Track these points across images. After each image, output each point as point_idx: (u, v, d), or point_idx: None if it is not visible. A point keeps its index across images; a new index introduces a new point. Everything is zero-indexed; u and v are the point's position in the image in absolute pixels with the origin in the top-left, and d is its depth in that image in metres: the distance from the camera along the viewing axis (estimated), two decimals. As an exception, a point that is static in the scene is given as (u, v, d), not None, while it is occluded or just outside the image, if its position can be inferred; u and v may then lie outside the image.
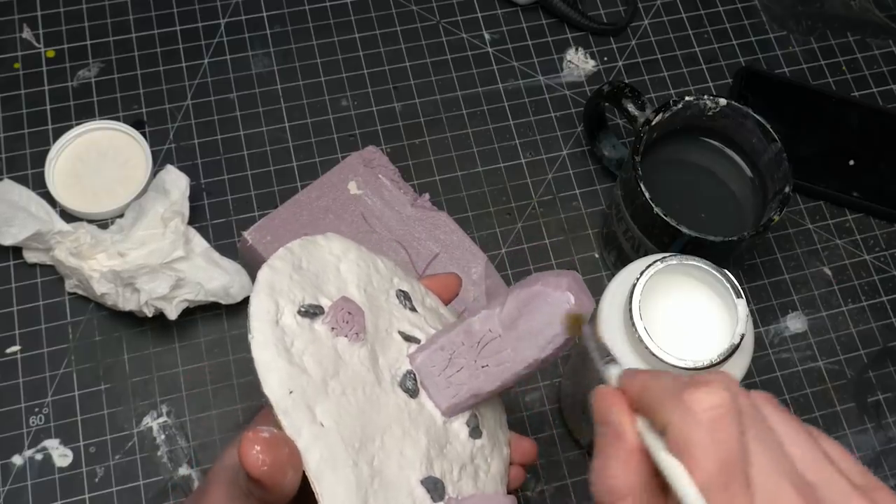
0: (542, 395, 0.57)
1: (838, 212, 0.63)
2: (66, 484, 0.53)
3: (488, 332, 0.37)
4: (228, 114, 0.63)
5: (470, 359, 0.37)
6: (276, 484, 0.32)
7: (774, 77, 0.67)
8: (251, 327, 0.35)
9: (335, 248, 0.40)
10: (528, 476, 0.55)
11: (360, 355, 0.37)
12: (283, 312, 0.36)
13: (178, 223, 0.56)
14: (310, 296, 0.37)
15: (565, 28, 0.68)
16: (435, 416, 0.38)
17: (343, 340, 0.36)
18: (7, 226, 0.56)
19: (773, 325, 0.60)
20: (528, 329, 0.36)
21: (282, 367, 0.34)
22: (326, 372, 0.35)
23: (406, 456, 0.35)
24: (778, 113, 0.63)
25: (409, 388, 0.37)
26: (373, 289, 0.39)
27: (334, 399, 0.35)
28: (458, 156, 0.63)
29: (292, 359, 0.35)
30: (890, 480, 0.56)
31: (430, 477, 0.36)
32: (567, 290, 0.35)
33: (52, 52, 0.64)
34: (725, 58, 0.68)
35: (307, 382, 0.34)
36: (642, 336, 0.43)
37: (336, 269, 0.39)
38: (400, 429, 0.36)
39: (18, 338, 0.56)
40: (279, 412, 0.33)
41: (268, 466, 0.31)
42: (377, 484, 0.34)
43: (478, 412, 0.39)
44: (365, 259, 0.40)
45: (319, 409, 0.34)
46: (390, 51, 0.66)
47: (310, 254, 0.39)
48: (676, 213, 0.51)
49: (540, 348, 0.36)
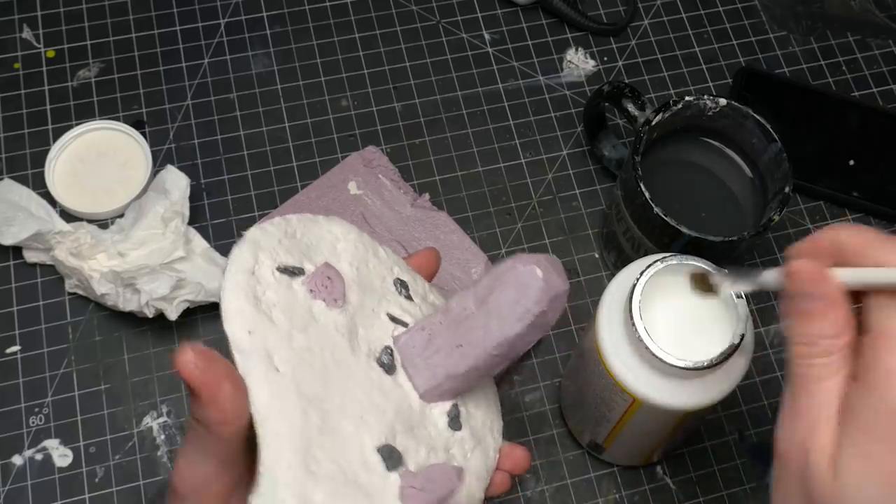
0: (542, 395, 0.57)
1: (838, 212, 0.63)
2: (66, 484, 0.53)
3: (463, 310, 0.36)
4: (228, 114, 0.63)
5: (447, 339, 0.36)
6: (210, 394, 0.31)
7: (774, 77, 0.67)
8: (225, 273, 0.34)
9: (335, 228, 0.39)
10: (528, 476, 0.55)
11: (337, 321, 0.36)
12: (262, 265, 0.35)
13: (178, 223, 0.56)
14: (295, 259, 0.36)
15: (565, 28, 0.68)
16: (411, 398, 0.37)
17: (320, 304, 0.36)
18: (7, 226, 0.56)
19: (773, 325, 0.60)
20: (497, 306, 0.35)
21: (247, 310, 0.34)
22: (294, 325, 0.35)
23: (366, 422, 0.34)
24: (778, 113, 0.63)
25: (384, 362, 0.37)
26: (367, 270, 0.39)
27: (297, 351, 0.34)
28: (458, 156, 0.63)
29: (260, 306, 0.34)
30: (890, 480, 0.56)
31: (388, 445, 0.34)
32: (535, 265, 0.34)
33: (52, 52, 0.64)
34: (725, 58, 0.68)
35: (270, 329, 0.34)
36: (642, 336, 0.43)
37: (332, 246, 0.39)
38: (365, 397, 0.35)
39: (18, 338, 0.56)
40: (235, 350, 0.33)
41: (200, 371, 0.31)
42: (326, 437, 0.33)
43: (462, 405, 0.38)
44: (365, 244, 0.40)
45: (277, 356, 0.34)
46: (390, 51, 0.66)
47: (307, 228, 0.38)
48: (676, 213, 0.51)
49: (509, 326, 0.35)
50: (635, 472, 0.56)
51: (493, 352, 0.36)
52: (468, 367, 0.36)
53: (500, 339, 0.35)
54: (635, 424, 0.48)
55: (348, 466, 0.33)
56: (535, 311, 0.34)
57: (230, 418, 0.32)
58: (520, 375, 0.58)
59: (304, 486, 0.32)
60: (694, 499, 0.55)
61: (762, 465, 0.56)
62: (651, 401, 0.44)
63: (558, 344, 0.58)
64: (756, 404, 0.58)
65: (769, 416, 0.57)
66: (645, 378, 0.44)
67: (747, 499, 0.55)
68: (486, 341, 0.35)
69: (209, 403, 0.32)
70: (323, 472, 0.32)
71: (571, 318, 0.59)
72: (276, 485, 0.31)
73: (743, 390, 0.58)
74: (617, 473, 0.56)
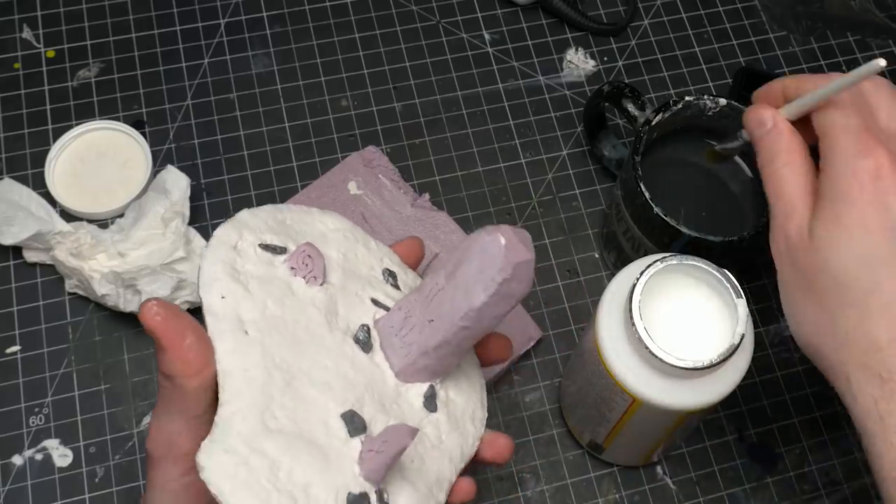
0: (542, 395, 0.57)
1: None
2: (66, 484, 0.53)
3: (435, 285, 0.36)
4: (228, 114, 0.63)
5: (420, 315, 0.37)
6: (173, 345, 0.32)
7: (774, 77, 0.67)
8: (207, 245, 0.35)
9: (329, 220, 0.40)
10: (528, 476, 0.55)
11: (315, 298, 0.36)
12: (245, 241, 0.36)
13: (178, 223, 0.56)
14: (279, 240, 0.37)
15: (565, 28, 0.68)
16: (387, 377, 0.37)
17: (300, 280, 0.36)
18: (7, 225, 0.56)
19: (773, 325, 0.60)
20: (464, 277, 0.35)
21: (223, 278, 0.34)
22: (269, 296, 0.35)
23: (332, 388, 0.35)
24: None
25: (359, 338, 0.37)
26: (355, 258, 0.39)
27: (269, 319, 0.34)
28: (458, 156, 0.63)
29: (238, 276, 0.35)
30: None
31: (351, 411, 0.34)
32: (499, 234, 0.34)
33: (52, 52, 0.64)
34: (725, 58, 0.68)
35: (244, 296, 0.34)
36: (642, 336, 0.43)
37: (322, 234, 0.39)
38: (335, 367, 0.35)
39: (18, 338, 0.56)
40: (207, 313, 0.34)
41: (161, 318, 0.32)
42: (288, 397, 0.33)
43: (441, 389, 0.38)
44: (356, 235, 0.40)
45: (249, 321, 0.34)
46: (390, 51, 0.66)
47: (299, 217, 0.39)
48: (676, 213, 0.51)
49: (474, 296, 0.35)
50: (635, 472, 0.56)
51: (461, 323, 0.35)
52: (438, 342, 0.36)
53: (465, 309, 0.35)
54: (635, 424, 0.48)
55: (307, 427, 0.33)
56: (499, 278, 0.34)
57: (193, 370, 0.33)
58: (520, 375, 0.58)
59: (256, 437, 0.32)
60: (694, 499, 0.55)
61: (762, 465, 0.56)
62: (651, 401, 0.44)
63: (558, 344, 0.58)
64: (756, 404, 0.58)
65: (769, 415, 0.57)
66: (645, 378, 0.44)
67: (747, 499, 0.55)
68: (454, 313, 0.35)
69: (172, 354, 0.32)
70: (278, 428, 0.33)
71: (571, 318, 0.59)
72: (229, 433, 0.32)
73: (743, 390, 0.58)
74: (617, 473, 0.56)
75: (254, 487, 0.31)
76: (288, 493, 0.31)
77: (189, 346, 0.33)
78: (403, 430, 0.33)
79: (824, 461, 0.57)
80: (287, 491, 0.31)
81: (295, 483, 0.32)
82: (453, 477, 0.38)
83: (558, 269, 0.61)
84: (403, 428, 0.33)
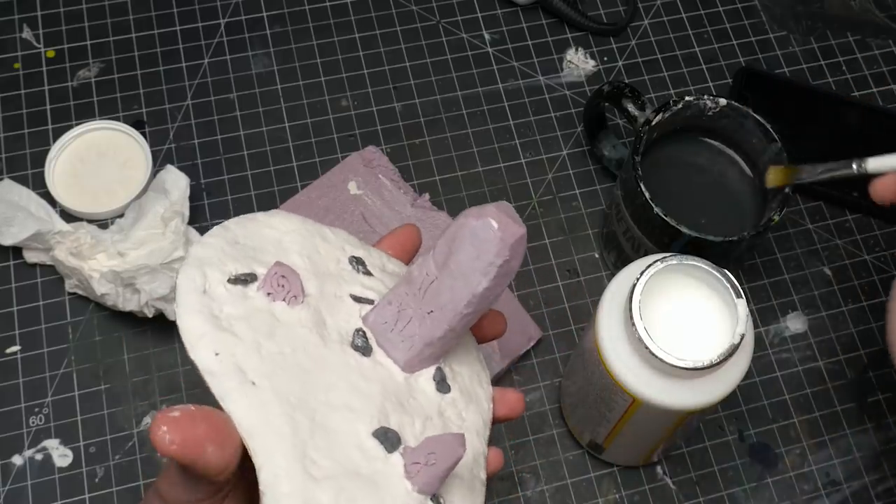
0: (542, 395, 0.57)
1: (838, 212, 0.63)
2: (66, 484, 0.53)
3: (426, 276, 0.36)
4: (228, 114, 0.63)
5: (416, 308, 0.36)
6: (195, 461, 0.31)
7: (774, 77, 0.67)
8: (176, 299, 0.33)
9: (276, 222, 0.39)
10: (528, 476, 0.55)
11: (302, 318, 0.35)
12: (211, 282, 0.35)
13: (178, 223, 0.56)
14: (243, 266, 0.36)
15: (565, 28, 0.68)
16: (394, 373, 0.36)
17: (281, 304, 0.35)
18: (7, 226, 0.56)
19: (773, 325, 0.60)
20: (458, 265, 0.35)
21: (208, 331, 0.33)
22: (259, 333, 0.34)
23: (354, 409, 0.34)
24: (778, 113, 0.63)
25: (359, 345, 0.36)
26: (319, 256, 0.38)
27: (268, 359, 0.34)
28: (458, 156, 0.63)
29: (220, 324, 0.34)
30: (890, 480, 0.56)
31: (382, 427, 0.34)
32: (489, 217, 0.34)
33: (52, 52, 0.64)
34: (725, 58, 0.68)
35: (236, 344, 0.33)
36: (642, 336, 0.43)
37: (277, 242, 0.38)
38: (348, 385, 0.35)
39: (18, 338, 0.56)
40: (205, 374, 0.32)
41: (177, 445, 0.30)
42: (319, 436, 0.33)
43: (446, 366, 0.38)
44: (310, 229, 0.39)
45: (251, 369, 0.33)
46: (390, 51, 0.66)
47: (247, 229, 0.37)
48: (676, 213, 0.51)
49: (475, 282, 0.34)
50: (635, 472, 0.56)
51: (465, 311, 0.35)
52: (444, 331, 0.36)
53: (468, 297, 0.35)
54: (635, 424, 0.48)
55: (347, 460, 0.33)
56: (498, 262, 0.34)
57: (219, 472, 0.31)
58: (520, 375, 0.58)
59: (306, 493, 0.31)
60: (694, 499, 0.55)
61: (762, 465, 0.56)
62: (651, 401, 0.44)
63: (558, 344, 0.58)
64: (756, 404, 0.58)
65: (769, 416, 0.57)
66: (645, 378, 0.44)
67: (747, 499, 0.55)
68: (456, 302, 0.35)
69: (196, 471, 0.31)
70: (323, 473, 0.32)
71: (571, 318, 0.59)
72: (279, 499, 0.31)
73: (743, 390, 0.58)
74: (617, 473, 0.56)
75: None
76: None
77: (212, 458, 0.31)
78: (450, 441, 0.33)
79: (824, 461, 0.57)
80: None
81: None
82: (485, 448, 0.38)
83: (558, 269, 0.61)
84: (448, 438, 0.33)
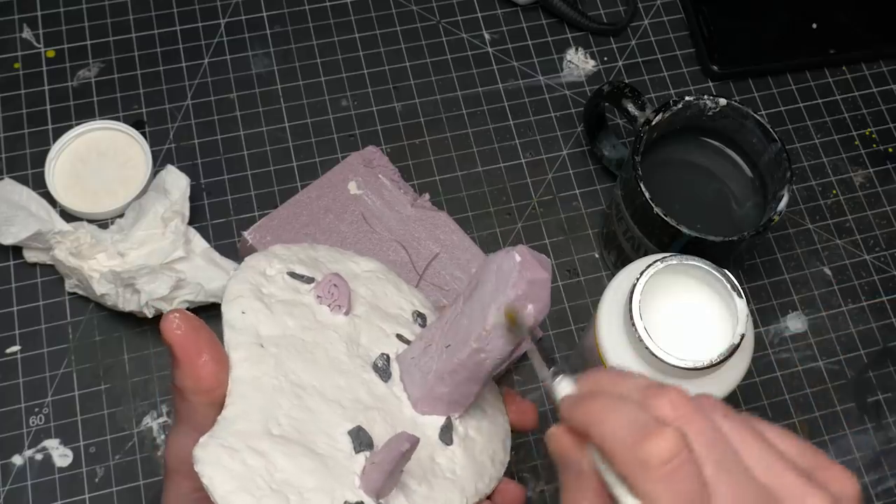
0: (543, 395, 0.57)
1: (838, 211, 0.63)
2: (66, 484, 0.53)
3: (454, 311, 0.35)
4: (228, 114, 0.63)
5: (439, 342, 0.36)
6: (188, 360, 0.32)
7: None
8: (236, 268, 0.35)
9: (362, 262, 0.40)
10: (528, 476, 0.55)
11: (337, 324, 0.36)
12: (274, 268, 0.36)
13: (178, 223, 0.56)
14: (308, 271, 0.37)
15: (565, 28, 0.68)
16: (403, 406, 0.36)
17: (325, 309, 0.36)
18: (7, 225, 0.56)
19: (773, 325, 0.60)
20: (480, 297, 0.34)
21: (247, 297, 0.35)
22: (291, 318, 0.35)
23: (344, 407, 0.34)
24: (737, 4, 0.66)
25: (379, 366, 0.36)
26: (385, 297, 0.39)
27: (287, 339, 0.34)
28: (458, 156, 0.63)
29: (261, 297, 0.35)
30: (890, 480, 0.56)
31: (359, 428, 0.34)
32: (515, 252, 0.33)
33: (52, 52, 0.64)
34: (725, 58, 0.68)
35: (265, 315, 0.35)
36: (642, 336, 0.43)
37: (353, 273, 0.39)
38: (349, 388, 0.35)
39: (18, 338, 0.56)
40: (225, 326, 0.34)
41: (182, 332, 0.32)
42: (297, 410, 0.33)
43: (461, 425, 0.37)
44: (389, 277, 0.40)
45: (266, 338, 0.34)
46: (390, 51, 0.66)
47: (331, 256, 0.39)
48: (676, 213, 0.51)
49: (488, 315, 0.33)
50: (635, 472, 0.56)
51: (474, 345, 0.34)
52: (454, 366, 0.35)
53: (479, 330, 0.34)
54: (635, 424, 0.48)
55: (311, 437, 0.33)
56: (511, 294, 0.33)
57: (204, 387, 0.32)
58: (520, 375, 0.58)
59: (256, 438, 0.32)
60: (694, 499, 0.55)
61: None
62: (651, 401, 0.44)
63: (558, 344, 0.58)
64: (756, 404, 0.58)
65: (769, 416, 0.57)
66: (645, 378, 0.44)
67: (747, 499, 0.55)
68: (468, 335, 0.34)
69: (186, 370, 0.32)
70: (281, 434, 0.32)
71: (571, 318, 0.59)
72: (229, 431, 0.32)
73: (743, 390, 0.58)
74: (617, 473, 0.55)
75: (247, 484, 0.31)
76: (282, 494, 0.31)
77: (203, 364, 0.32)
78: (402, 436, 0.32)
79: (824, 461, 0.57)
80: (281, 492, 0.31)
81: (290, 485, 0.32)
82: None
83: (558, 269, 0.61)
84: (402, 435, 0.32)
